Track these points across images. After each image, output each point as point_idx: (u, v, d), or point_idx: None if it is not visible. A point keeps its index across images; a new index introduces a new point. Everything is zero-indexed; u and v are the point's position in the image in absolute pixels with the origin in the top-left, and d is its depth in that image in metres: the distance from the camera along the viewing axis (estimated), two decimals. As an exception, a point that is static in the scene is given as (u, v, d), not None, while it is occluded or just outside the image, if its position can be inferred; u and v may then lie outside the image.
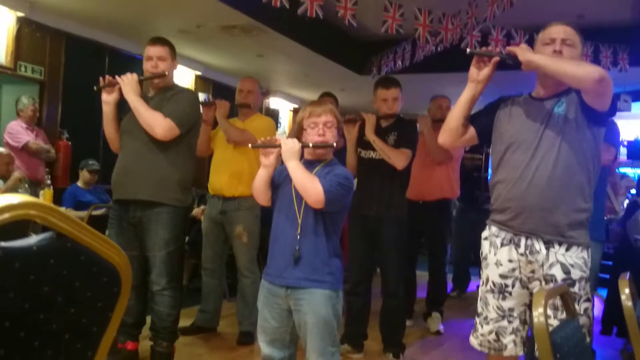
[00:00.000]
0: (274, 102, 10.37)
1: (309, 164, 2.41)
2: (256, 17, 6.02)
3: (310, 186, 2.29)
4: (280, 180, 2.45)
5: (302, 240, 2.33)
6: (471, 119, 2.49)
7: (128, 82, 3.20)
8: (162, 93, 3.30)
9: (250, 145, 2.55)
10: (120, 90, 3.22)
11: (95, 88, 3.26)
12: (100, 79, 3.26)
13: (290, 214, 2.38)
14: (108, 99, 3.28)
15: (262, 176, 2.44)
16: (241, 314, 4.09)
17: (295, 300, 2.33)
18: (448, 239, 5.09)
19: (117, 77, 3.23)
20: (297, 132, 2.48)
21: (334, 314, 2.35)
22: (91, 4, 5.96)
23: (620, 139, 6.57)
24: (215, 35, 6.75)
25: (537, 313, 1.19)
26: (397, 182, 3.75)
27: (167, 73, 3.29)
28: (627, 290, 1.62)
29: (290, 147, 2.34)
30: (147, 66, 3.30)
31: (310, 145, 2.38)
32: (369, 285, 3.90)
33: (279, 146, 2.37)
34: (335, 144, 2.41)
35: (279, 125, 10.13)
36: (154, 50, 3.29)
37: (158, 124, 3.15)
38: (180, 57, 6.90)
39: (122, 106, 3.30)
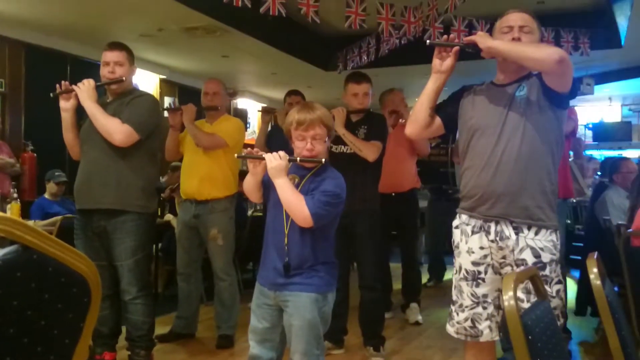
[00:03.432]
0: (242, 102, 10.33)
1: (299, 170, 2.34)
2: (218, 18, 5.99)
3: (297, 210, 2.23)
4: (271, 184, 2.34)
5: (290, 250, 2.29)
6: (436, 109, 2.51)
7: (84, 89, 3.15)
8: (120, 98, 3.26)
9: (235, 155, 2.48)
10: (77, 97, 3.18)
11: (51, 95, 3.21)
12: (57, 86, 3.21)
13: (278, 223, 2.34)
14: (66, 106, 3.23)
15: (250, 182, 2.38)
16: (219, 318, 4.06)
17: (283, 302, 2.32)
18: (419, 228, 5.15)
19: (72, 85, 3.18)
20: (287, 136, 2.40)
21: (321, 316, 2.31)
22: (49, 12, 5.86)
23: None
24: (178, 38, 6.70)
25: (507, 296, 1.20)
26: (369, 176, 3.76)
27: (124, 78, 3.25)
28: (595, 270, 1.65)
29: (276, 165, 2.24)
30: (104, 72, 3.25)
31: (298, 160, 2.31)
32: (347, 280, 3.91)
33: (263, 159, 2.29)
34: (324, 160, 2.32)
35: (248, 125, 10.10)
36: (111, 55, 3.25)
37: (116, 130, 3.11)
38: (143, 62, 6.87)
39: (81, 113, 3.25)
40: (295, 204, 2.22)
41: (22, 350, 0.97)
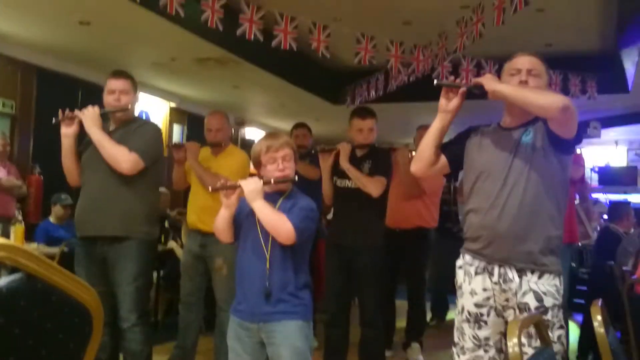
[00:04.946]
0: (250, 133, 10.38)
1: (270, 197, 2.40)
2: (231, 50, 6.07)
3: (279, 225, 2.29)
4: (243, 216, 2.43)
5: (272, 275, 2.33)
6: (442, 148, 2.52)
7: (90, 116, 3.16)
8: (125, 127, 3.28)
9: (210, 189, 2.50)
10: (80, 123, 3.19)
11: (53, 121, 3.23)
12: (60, 111, 3.22)
13: (257, 249, 2.37)
14: (68, 132, 3.23)
15: (224, 217, 2.43)
16: (218, 349, 4.02)
17: (267, 333, 2.32)
18: (427, 267, 5.10)
19: (77, 111, 3.19)
20: (255, 167, 2.48)
21: (308, 344, 2.36)
22: (63, 37, 5.94)
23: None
24: (190, 67, 6.78)
25: (512, 343, 1.20)
26: (373, 211, 3.76)
27: (129, 106, 3.28)
28: (599, 317, 1.64)
29: (252, 188, 2.33)
30: (110, 99, 3.26)
31: (272, 181, 2.38)
32: (348, 316, 3.88)
33: (239, 186, 2.36)
34: (296, 178, 2.42)
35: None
36: (117, 84, 3.26)
37: (124, 158, 3.13)
38: (154, 89, 6.93)
39: (80, 139, 3.27)
40: (277, 220, 2.30)
41: (21, 379, 0.97)
